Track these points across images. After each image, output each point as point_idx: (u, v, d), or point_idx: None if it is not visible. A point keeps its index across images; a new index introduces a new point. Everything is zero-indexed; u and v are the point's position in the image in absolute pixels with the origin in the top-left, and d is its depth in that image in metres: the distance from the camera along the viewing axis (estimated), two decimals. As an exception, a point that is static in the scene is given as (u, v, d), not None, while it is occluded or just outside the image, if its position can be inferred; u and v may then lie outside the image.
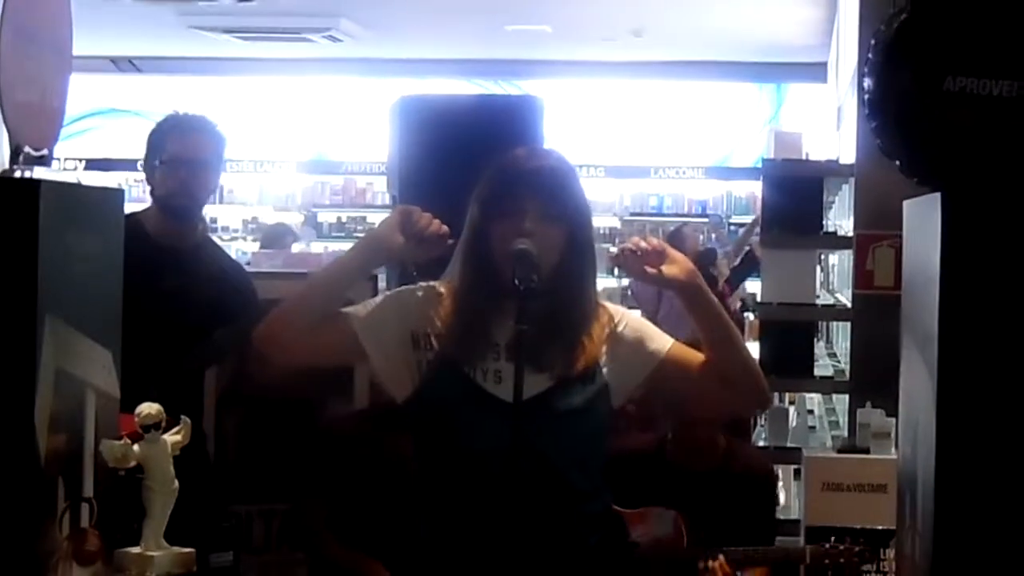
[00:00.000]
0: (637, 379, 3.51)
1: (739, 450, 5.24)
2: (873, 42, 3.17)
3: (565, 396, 3.40)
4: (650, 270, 3.45)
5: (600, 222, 16.06)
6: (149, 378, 4.37)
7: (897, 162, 3.18)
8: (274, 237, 12.02)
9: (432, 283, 3.54)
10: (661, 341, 3.53)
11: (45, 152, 3.38)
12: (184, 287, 4.72)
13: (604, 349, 3.48)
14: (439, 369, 3.42)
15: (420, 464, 3.49)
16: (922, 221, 3.18)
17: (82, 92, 4.54)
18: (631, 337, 3.52)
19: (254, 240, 16.14)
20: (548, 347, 3.39)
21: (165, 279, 4.64)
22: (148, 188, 4.87)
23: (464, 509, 3.40)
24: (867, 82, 3.17)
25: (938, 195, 2.99)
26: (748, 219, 15.56)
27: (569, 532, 3.43)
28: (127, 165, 14.50)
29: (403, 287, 3.58)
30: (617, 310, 3.58)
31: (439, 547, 3.47)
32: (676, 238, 12.95)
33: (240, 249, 14.84)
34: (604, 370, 3.46)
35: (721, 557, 4.88)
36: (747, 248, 12.68)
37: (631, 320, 3.57)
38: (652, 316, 12.37)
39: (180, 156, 4.76)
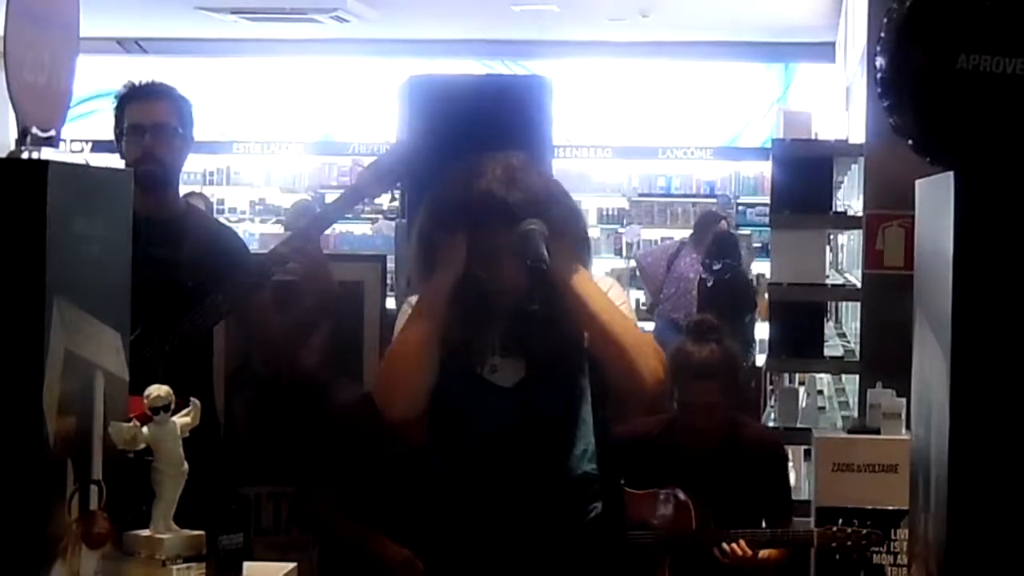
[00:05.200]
0: None
1: (745, 427, 5.24)
2: (886, 20, 3.14)
3: (554, 379, 3.57)
4: None
5: (608, 203, 16.06)
6: (153, 349, 4.38)
7: (910, 141, 3.15)
8: (296, 215, 11.90)
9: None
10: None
11: (52, 133, 3.36)
12: (174, 254, 4.68)
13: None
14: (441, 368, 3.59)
15: (432, 453, 3.68)
16: (935, 200, 3.16)
17: (88, 74, 4.53)
18: None
19: (262, 222, 16.15)
20: (535, 339, 3.55)
21: (152, 249, 4.56)
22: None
23: (471, 491, 3.53)
24: (880, 61, 3.15)
25: (951, 174, 2.97)
26: (756, 199, 15.53)
27: (568, 511, 3.58)
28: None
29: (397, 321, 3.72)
30: (603, 282, 3.68)
31: (448, 527, 3.55)
32: (709, 219, 12.72)
33: (248, 231, 14.83)
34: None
35: (742, 540, 4.89)
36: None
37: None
38: (656, 294, 12.32)
39: (140, 123, 4.74)
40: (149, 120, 4.74)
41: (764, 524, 5.12)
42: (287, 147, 16.49)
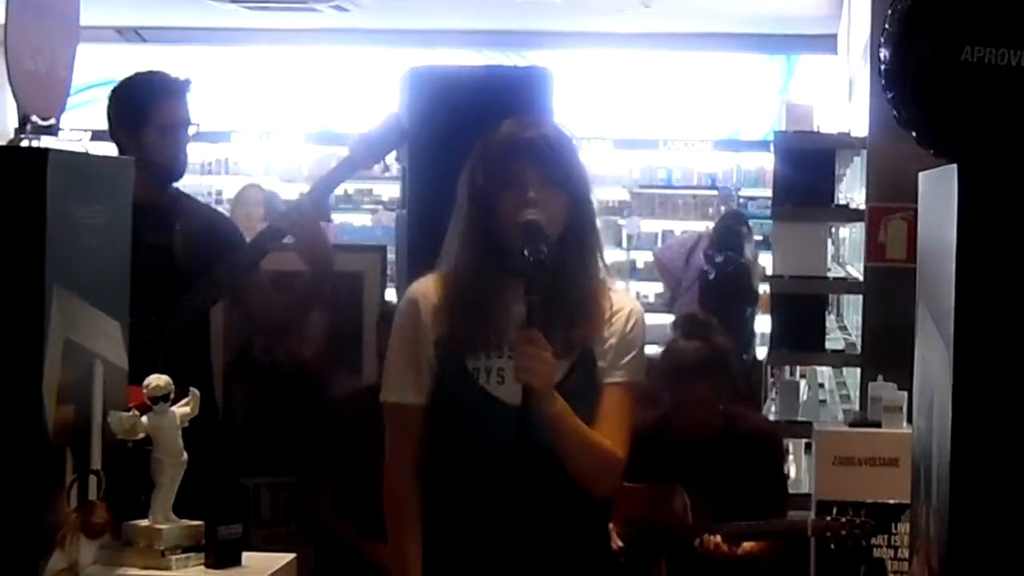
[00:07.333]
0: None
1: (739, 418, 5.22)
2: (890, 12, 3.13)
3: (570, 385, 3.34)
4: None
5: (609, 194, 16.03)
6: (154, 331, 4.37)
7: (914, 133, 3.15)
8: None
9: (420, 285, 3.49)
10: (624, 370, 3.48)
11: (52, 121, 3.36)
12: (170, 239, 4.68)
13: (604, 332, 3.42)
14: (443, 368, 3.39)
15: (430, 462, 3.46)
16: (938, 193, 3.15)
17: (87, 63, 4.51)
18: (625, 337, 3.46)
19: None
20: (551, 332, 3.30)
21: (150, 234, 4.52)
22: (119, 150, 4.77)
23: (470, 509, 3.38)
24: (884, 53, 3.14)
25: (955, 166, 2.96)
26: (757, 192, 15.50)
27: (578, 528, 3.43)
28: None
29: (398, 318, 3.50)
30: (619, 301, 3.50)
31: (447, 540, 3.45)
32: (735, 218, 12.47)
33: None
34: (600, 352, 3.42)
35: (718, 535, 4.87)
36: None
37: (631, 320, 3.48)
38: (675, 288, 12.15)
39: (177, 120, 4.71)
40: (183, 117, 4.73)
41: (759, 514, 5.10)
42: (286, 137, 16.46)
